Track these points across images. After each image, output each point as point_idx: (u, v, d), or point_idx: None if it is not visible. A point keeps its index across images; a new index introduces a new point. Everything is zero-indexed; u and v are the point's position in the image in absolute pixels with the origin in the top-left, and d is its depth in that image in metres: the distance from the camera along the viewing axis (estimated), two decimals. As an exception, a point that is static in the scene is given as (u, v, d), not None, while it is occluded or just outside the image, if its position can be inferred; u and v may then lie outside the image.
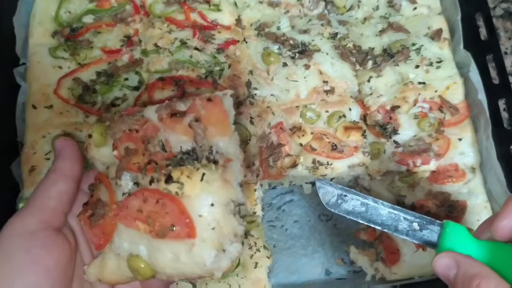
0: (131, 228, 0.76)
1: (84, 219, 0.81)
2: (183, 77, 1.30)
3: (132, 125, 0.82)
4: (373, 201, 0.86)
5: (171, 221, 0.72)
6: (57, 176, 0.84)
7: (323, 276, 1.33)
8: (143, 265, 0.77)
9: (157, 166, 0.76)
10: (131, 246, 0.77)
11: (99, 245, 0.81)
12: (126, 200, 0.78)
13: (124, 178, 0.80)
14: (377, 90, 1.33)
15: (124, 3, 1.38)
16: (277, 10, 1.45)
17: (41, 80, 1.28)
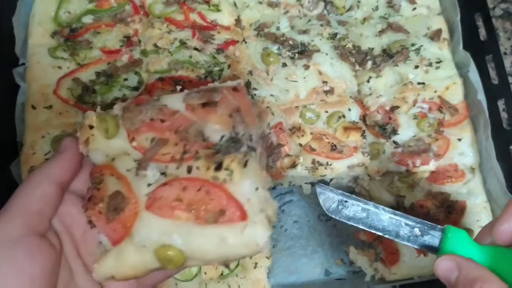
0: (166, 218, 0.74)
1: (96, 214, 0.77)
2: (182, 78, 1.30)
3: (155, 115, 0.80)
4: (374, 207, 0.86)
5: (219, 206, 0.73)
6: (43, 178, 0.77)
7: (323, 276, 1.33)
8: (176, 254, 0.74)
9: (198, 154, 0.77)
10: (162, 237, 0.74)
11: (118, 239, 0.76)
12: (159, 190, 0.75)
13: (151, 169, 0.77)
14: (377, 91, 1.33)
15: (123, 3, 1.38)
16: (276, 11, 1.45)
17: (40, 80, 1.28)
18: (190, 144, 0.78)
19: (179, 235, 0.74)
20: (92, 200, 0.78)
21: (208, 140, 0.79)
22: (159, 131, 0.80)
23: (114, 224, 0.76)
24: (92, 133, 0.82)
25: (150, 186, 0.76)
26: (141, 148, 0.80)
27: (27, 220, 0.72)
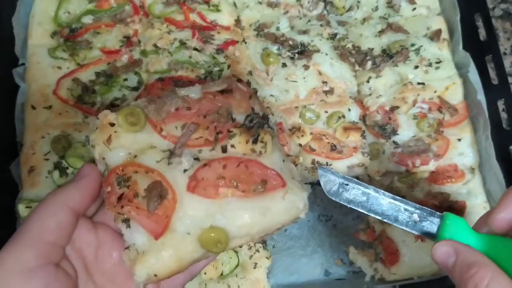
0: (212, 197, 0.75)
1: (136, 210, 0.75)
2: (182, 78, 1.30)
3: (180, 104, 0.82)
4: (374, 191, 0.86)
5: (260, 177, 0.77)
6: (60, 206, 0.74)
7: (323, 276, 1.33)
8: (221, 235, 0.75)
9: (232, 133, 0.81)
10: (205, 220, 0.75)
11: (161, 231, 0.75)
12: (200, 172, 0.77)
13: (184, 155, 0.79)
14: (376, 91, 1.33)
15: (123, 3, 1.38)
16: (276, 11, 1.45)
17: (40, 80, 1.28)
18: (221, 125, 0.82)
19: (222, 214, 0.75)
20: (124, 198, 0.76)
21: (235, 121, 0.84)
22: (187, 118, 0.82)
23: (156, 215, 0.75)
24: (115, 130, 0.80)
25: (187, 172, 0.77)
26: (171, 136, 0.81)
27: (42, 250, 0.70)
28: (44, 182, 1.18)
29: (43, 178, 1.19)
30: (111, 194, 0.77)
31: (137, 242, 0.76)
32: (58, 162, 1.20)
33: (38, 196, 1.17)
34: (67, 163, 1.19)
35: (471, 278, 0.68)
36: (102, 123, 0.81)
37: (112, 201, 0.77)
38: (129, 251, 0.76)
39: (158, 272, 0.75)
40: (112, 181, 0.78)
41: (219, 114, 0.83)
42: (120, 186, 0.77)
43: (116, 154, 0.80)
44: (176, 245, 0.75)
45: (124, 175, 0.78)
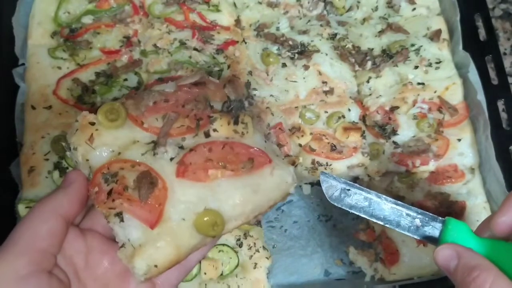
0: (202, 181, 0.76)
1: (128, 201, 0.75)
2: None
3: (158, 98, 0.84)
4: (376, 196, 0.86)
5: (246, 156, 0.79)
6: (51, 213, 0.73)
7: (323, 276, 1.33)
8: (216, 217, 0.76)
9: (213, 118, 0.83)
10: (198, 204, 0.76)
11: (155, 220, 0.75)
12: (187, 157, 0.78)
13: (169, 145, 0.80)
14: (376, 91, 1.33)
15: (123, 3, 1.38)
16: (276, 11, 1.45)
17: (40, 80, 1.28)
18: (200, 112, 0.84)
19: (214, 196, 0.76)
20: (114, 192, 0.76)
21: (214, 108, 0.86)
22: (166, 110, 0.83)
23: (149, 204, 0.75)
24: (96, 128, 0.80)
25: (174, 160, 0.78)
26: (153, 128, 0.82)
27: (34, 257, 0.70)
28: (44, 182, 1.19)
29: (43, 178, 1.19)
30: (100, 192, 0.77)
31: (132, 237, 0.75)
32: (58, 162, 1.20)
33: (38, 196, 1.17)
34: (67, 163, 1.19)
35: (472, 281, 0.68)
36: (81, 123, 0.81)
37: (102, 199, 0.76)
38: (125, 249, 0.75)
39: (158, 262, 0.74)
40: (99, 180, 0.78)
41: (197, 101, 0.84)
42: (108, 183, 0.77)
43: (100, 153, 0.80)
44: (172, 233, 0.75)
45: (109, 172, 0.78)
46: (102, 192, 0.77)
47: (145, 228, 0.74)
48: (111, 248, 0.78)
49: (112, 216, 0.75)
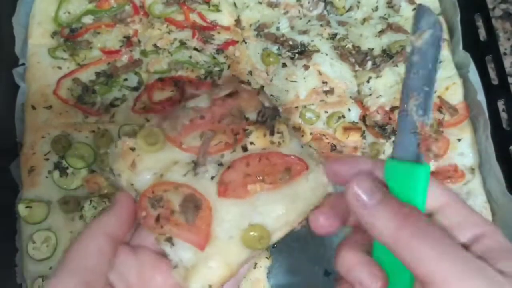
0: (242, 197, 0.76)
1: (176, 226, 0.76)
2: (182, 78, 1.30)
3: (193, 115, 0.83)
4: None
5: (282, 167, 0.78)
6: (99, 233, 0.75)
7: (323, 276, 1.33)
8: (261, 231, 0.76)
9: (248, 131, 0.83)
10: (242, 220, 0.76)
11: (204, 241, 0.75)
12: (225, 176, 0.78)
13: (209, 162, 0.80)
14: (377, 91, 1.33)
15: (123, 3, 1.38)
16: (276, 11, 1.45)
17: (40, 80, 1.28)
18: (236, 127, 0.83)
19: (257, 211, 0.76)
20: (162, 218, 0.76)
21: (249, 120, 0.85)
22: (203, 127, 0.83)
23: (196, 227, 0.75)
24: (138, 154, 0.81)
25: (214, 179, 0.78)
26: (192, 148, 0.82)
27: (84, 277, 0.70)
28: (44, 182, 1.19)
29: (43, 178, 1.19)
30: (148, 218, 0.77)
31: (184, 258, 0.76)
32: (58, 162, 1.20)
33: (38, 196, 1.18)
34: (67, 163, 1.19)
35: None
36: (122, 150, 0.82)
37: (151, 224, 0.77)
38: (178, 269, 0.76)
39: (211, 281, 0.75)
40: (145, 205, 0.78)
41: (232, 115, 0.83)
42: (155, 208, 0.77)
43: (143, 177, 0.80)
44: (222, 252, 0.75)
45: (155, 197, 0.78)
46: (150, 217, 0.77)
47: (196, 249, 0.75)
48: (163, 263, 0.78)
49: (162, 241, 0.76)
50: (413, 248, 0.55)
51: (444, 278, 0.52)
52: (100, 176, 1.19)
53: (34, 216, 1.15)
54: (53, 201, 1.18)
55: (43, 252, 1.14)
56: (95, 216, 0.79)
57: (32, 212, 1.15)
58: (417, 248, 0.54)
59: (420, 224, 0.56)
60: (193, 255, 0.75)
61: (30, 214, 1.15)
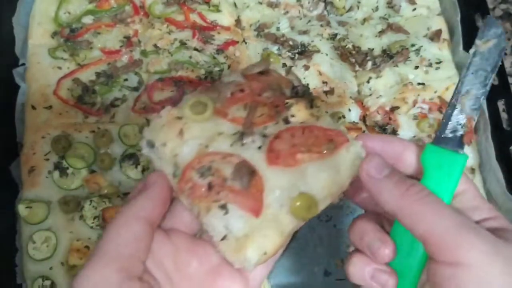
0: (292, 166, 0.76)
1: (231, 192, 0.74)
2: (182, 78, 1.30)
3: (234, 88, 0.83)
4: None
5: (325, 139, 0.78)
6: (133, 218, 0.71)
7: (323, 277, 1.33)
8: (309, 200, 0.75)
9: (288, 104, 0.82)
10: (291, 189, 0.75)
11: (259, 208, 0.73)
12: (274, 144, 0.77)
13: (256, 133, 0.79)
14: (377, 91, 1.33)
15: (123, 3, 1.38)
16: (276, 11, 1.45)
17: (40, 80, 1.28)
18: (277, 99, 0.82)
19: (303, 181, 0.76)
20: (216, 186, 0.74)
21: (286, 94, 0.85)
22: (245, 99, 0.82)
23: (251, 193, 0.74)
24: (185, 122, 0.79)
25: (262, 148, 0.77)
26: (237, 119, 0.81)
27: (123, 264, 0.66)
28: (44, 182, 1.18)
29: (43, 178, 1.19)
30: (196, 188, 0.75)
31: (235, 228, 0.73)
32: (58, 162, 1.20)
33: (38, 196, 1.17)
34: (67, 163, 1.19)
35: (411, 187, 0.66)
36: (168, 119, 0.80)
37: (202, 193, 0.74)
38: (227, 241, 0.73)
39: (267, 249, 0.74)
40: (190, 175, 0.75)
41: (272, 89, 0.83)
42: (204, 177, 0.75)
43: (190, 147, 0.78)
44: (275, 220, 0.74)
45: (204, 166, 0.76)
46: (199, 187, 0.75)
47: (249, 217, 0.73)
48: (197, 246, 0.76)
49: (216, 209, 0.73)
50: (415, 212, 0.61)
51: (442, 233, 0.58)
52: (100, 176, 1.19)
53: (34, 216, 1.15)
54: (53, 201, 1.17)
55: (43, 252, 1.14)
56: (126, 201, 0.75)
57: (32, 212, 1.15)
58: (418, 211, 0.61)
59: (421, 193, 0.62)
60: (246, 223, 0.73)
61: (30, 214, 1.15)
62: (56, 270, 1.13)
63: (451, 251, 0.57)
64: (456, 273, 0.56)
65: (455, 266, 0.56)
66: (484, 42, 0.71)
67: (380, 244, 0.69)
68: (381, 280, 0.69)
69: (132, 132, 1.24)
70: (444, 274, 0.58)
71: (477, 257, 0.55)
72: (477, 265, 0.55)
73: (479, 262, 0.55)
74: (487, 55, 0.69)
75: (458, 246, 0.57)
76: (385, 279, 0.69)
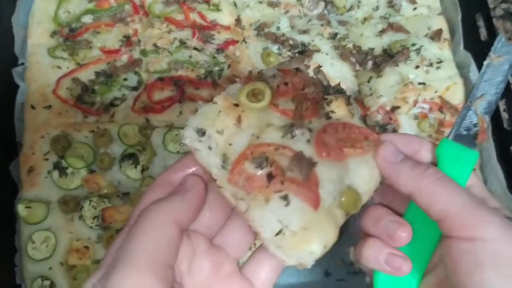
0: (340, 159, 0.75)
1: (294, 183, 0.71)
2: (182, 77, 1.30)
3: (278, 82, 0.80)
4: None
5: (362, 136, 0.78)
6: (168, 222, 0.67)
7: (323, 277, 1.32)
8: (355, 195, 0.74)
9: (328, 100, 0.82)
10: (340, 183, 0.74)
11: (319, 200, 0.71)
12: (322, 138, 0.76)
13: (305, 127, 0.78)
14: (377, 91, 1.32)
15: (123, 3, 1.37)
16: (276, 10, 1.44)
17: (39, 80, 1.27)
18: (317, 95, 0.82)
19: (348, 175, 0.76)
20: (277, 177, 0.71)
21: (323, 91, 0.85)
22: (290, 93, 0.81)
23: (310, 185, 0.71)
24: (243, 110, 0.75)
25: (310, 142, 0.75)
26: (286, 111, 0.78)
27: (160, 271, 0.62)
28: (44, 182, 1.18)
29: (42, 178, 1.18)
30: (253, 178, 0.71)
31: (293, 221, 0.70)
32: (57, 162, 1.19)
33: (37, 196, 1.17)
34: (66, 163, 1.19)
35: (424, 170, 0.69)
36: (225, 106, 0.76)
37: (261, 184, 0.71)
38: (282, 236, 0.70)
39: (327, 243, 0.72)
40: (243, 167, 0.71)
41: (314, 84, 0.82)
42: (262, 167, 0.71)
43: (246, 136, 0.74)
44: (329, 213, 0.72)
45: (259, 157, 0.72)
46: (258, 177, 0.71)
47: (307, 210, 0.71)
48: (213, 251, 0.73)
49: (276, 200, 0.70)
50: (432, 192, 0.64)
51: (459, 211, 0.60)
52: (100, 176, 1.19)
53: (34, 216, 1.15)
54: (53, 201, 1.17)
55: (43, 252, 1.14)
56: (161, 200, 0.70)
57: (32, 212, 1.15)
58: (435, 191, 0.63)
59: (437, 174, 0.65)
60: (302, 217, 0.70)
61: (30, 214, 1.15)
62: (56, 270, 1.13)
63: (468, 228, 0.59)
64: (472, 247, 0.58)
65: (471, 241, 0.58)
66: (497, 57, 0.80)
67: (398, 226, 0.70)
68: (395, 264, 0.71)
69: (132, 131, 1.23)
70: (460, 248, 0.60)
71: (493, 232, 0.58)
72: (494, 239, 0.57)
73: (495, 236, 0.57)
74: (499, 68, 0.79)
75: (475, 223, 0.59)
76: (400, 263, 0.70)
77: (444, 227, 0.62)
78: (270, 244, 0.70)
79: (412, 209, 0.74)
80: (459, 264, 0.60)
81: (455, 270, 0.60)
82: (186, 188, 0.72)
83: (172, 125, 1.25)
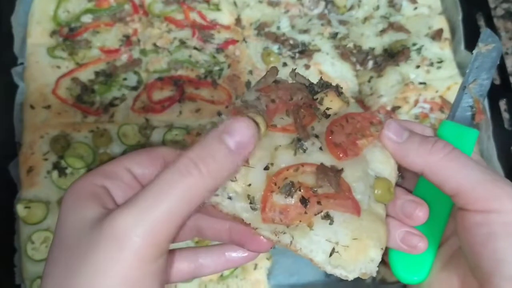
0: (357, 154, 0.74)
1: (329, 198, 0.69)
2: (182, 77, 1.29)
3: (266, 100, 0.79)
4: None
5: (366, 122, 0.77)
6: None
7: (323, 277, 1.32)
8: (385, 181, 0.73)
9: (318, 99, 0.80)
10: (367, 177, 0.73)
11: (357, 205, 0.70)
12: (332, 139, 0.75)
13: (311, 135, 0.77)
14: (378, 90, 1.32)
15: (123, 2, 1.37)
16: (277, 10, 1.44)
17: (39, 80, 1.27)
18: (307, 98, 0.81)
19: (369, 166, 0.75)
20: (312, 199, 0.69)
21: (309, 93, 0.83)
22: (281, 108, 0.79)
23: (344, 194, 0.70)
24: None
25: (322, 148, 0.74)
26: (286, 127, 0.76)
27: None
28: (43, 182, 1.18)
29: (42, 178, 1.18)
30: (288, 209, 0.69)
31: (341, 235, 0.68)
32: (57, 162, 1.19)
33: (37, 196, 1.17)
34: (66, 163, 1.19)
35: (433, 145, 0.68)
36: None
37: (298, 212, 0.68)
38: (337, 254, 0.68)
39: (382, 243, 0.70)
40: (273, 201, 0.69)
41: (298, 89, 0.81)
42: (292, 195, 0.69)
43: (259, 171, 0.72)
44: (371, 212, 0.71)
45: (284, 185, 0.70)
46: (292, 207, 0.68)
47: (351, 219, 0.69)
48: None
49: (319, 222, 0.68)
50: (444, 167, 0.64)
51: (473, 185, 0.61)
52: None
53: (33, 216, 1.15)
54: (52, 201, 1.17)
55: (42, 253, 1.13)
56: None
57: (31, 213, 1.15)
58: (447, 167, 0.64)
59: (446, 148, 0.65)
60: (349, 227, 0.68)
61: (29, 214, 1.15)
62: (55, 271, 1.13)
63: (483, 201, 0.59)
64: (486, 218, 0.58)
65: (486, 213, 0.59)
66: (485, 45, 0.88)
67: (415, 206, 0.70)
68: (412, 242, 0.71)
69: (132, 131, 1.23)
70: (474, 220, 0.60)
71: (508, 204, 0.58)
72: (508, 210, 0.58)
73: (509, 208, 0.58)
74: (487, 55, 0.85)
75: (490, 195, 0.59)
76: (416, 241, 0.70)
77: (459, 201, 0.62)
78: (327, 266, 0.68)
79: (423, 184, 0.74)
80: (472, 235, 0.60)
81: (469, 241, 0.61)
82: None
83: (172, 125, 1.24)
